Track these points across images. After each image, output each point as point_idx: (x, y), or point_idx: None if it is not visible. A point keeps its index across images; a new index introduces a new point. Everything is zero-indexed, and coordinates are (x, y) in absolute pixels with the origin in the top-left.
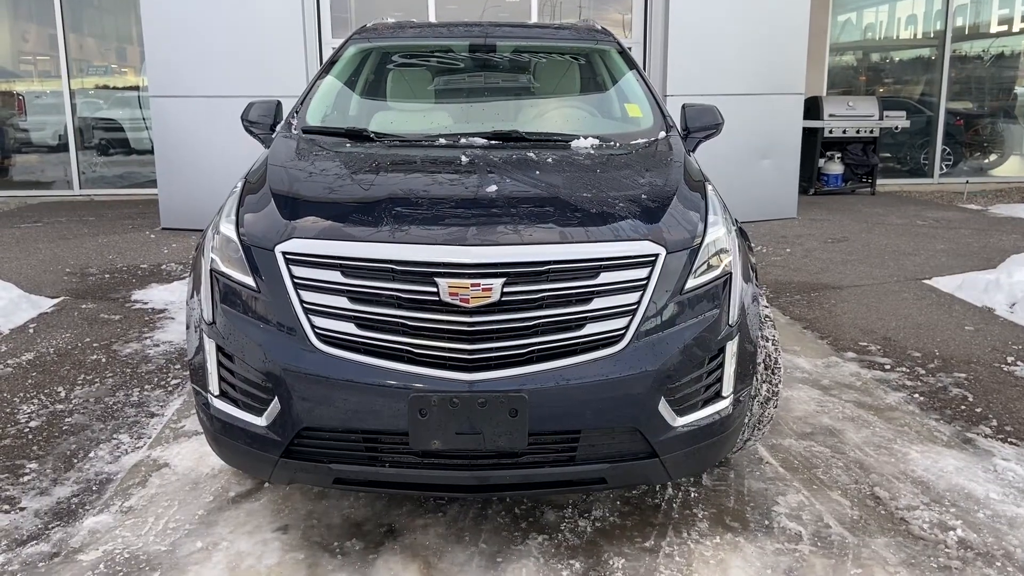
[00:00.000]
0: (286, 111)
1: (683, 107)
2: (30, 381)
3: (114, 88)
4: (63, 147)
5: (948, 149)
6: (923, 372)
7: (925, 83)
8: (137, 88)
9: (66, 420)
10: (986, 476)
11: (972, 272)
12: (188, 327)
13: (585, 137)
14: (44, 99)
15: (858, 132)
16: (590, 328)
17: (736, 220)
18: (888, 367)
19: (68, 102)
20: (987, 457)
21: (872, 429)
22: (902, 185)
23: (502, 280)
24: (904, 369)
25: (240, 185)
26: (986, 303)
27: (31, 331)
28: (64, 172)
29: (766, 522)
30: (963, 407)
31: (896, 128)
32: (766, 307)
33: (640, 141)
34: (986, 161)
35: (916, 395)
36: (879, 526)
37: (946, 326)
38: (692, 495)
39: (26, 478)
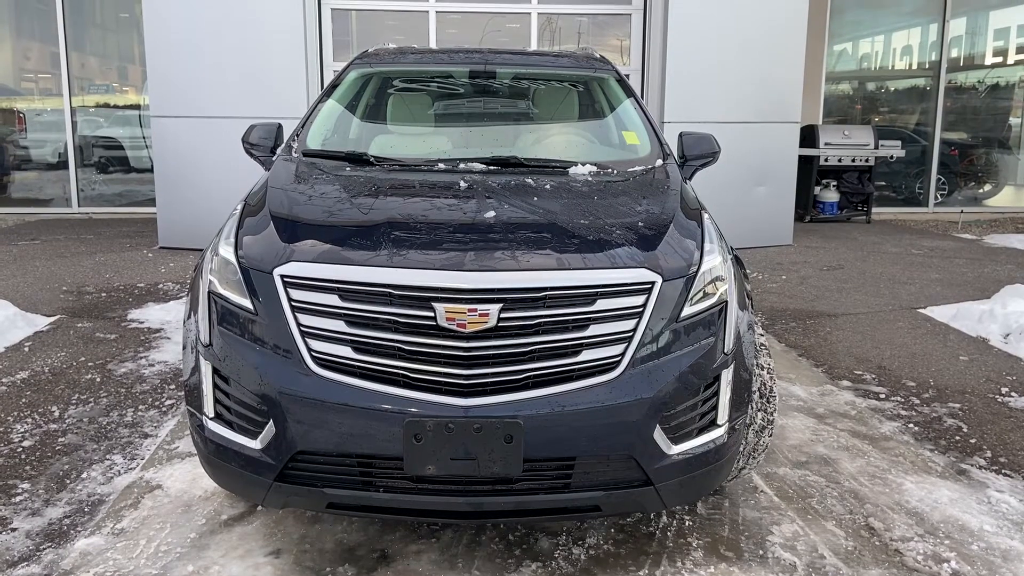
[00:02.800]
0: (287, 133)
1: (680, 135)
2: (24, 400)
3: (115, 107)
4: (63, 165)
5: (943, 179)
6: (918, 402)
7: (920, 113)
8: (138, 107)
9: (59, 440)
10: (980, 508)
11: (967, 302)
12: (185, 348)
13: (583, 164)
14: (45, 117)
15: (853, 161)
16: (586, 355)
17: (732, 248)
18: (883, 396)
19: (69, 120)
20: (981, 489)
21: (867, 459)
22: (897, 213)
23: (499, 306)
24: (899, 399)
25: (240, 207)
26: (980, 333)
27: (26, 349)
28: (63, 190)
29: (760, 552)
30: (957, 438)
31: (891, 157)
32: (761, 335)
33: (637, 168)
34: (980, 191)
35: (911, 425)
36: (873, 557)
37: (941, 356)
38: (687, 523)
39: (18, 498)
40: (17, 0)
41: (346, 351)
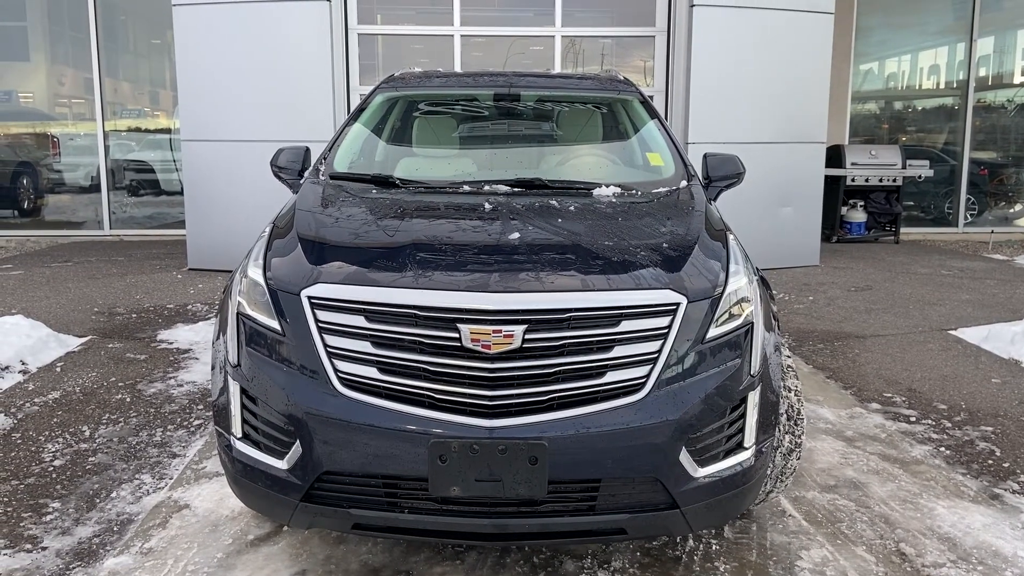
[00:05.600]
0: (314, 157)
1: (705, 156)
2: (56, 420)
3: (146, 131)
4: (95, 188)
5: (972, 198)
6: (949, 425)
7: (948, 132)
8: (169, 131)
9: (90, 459)
10: (1014, 533)
11: (998, 324)
12: (213, 368)
13: (607, 185)
14: (78, 141)
15: (881, 180)
16: (611, 376)
17: (758, 269)
18: (913, 419)
19: (101, 144)
20: (1015, 514)
21: (897, 483)
22: (926, 234)
23: (524, 327)
24: (930, 421)
25: (268, 229)
26: (1013, 355)
27: (58, 370)
28: (95, 212)
29: None
30: (990, 462)
31: (919, 177)
32: (788, 356)
33: (662, 190)
34: (1011, 211)
35: (942, 448)
36: None
37: (972, 378)
38: (713, 547)
39: (49, 517)
40: (52, 27)
41: (372, 372)
